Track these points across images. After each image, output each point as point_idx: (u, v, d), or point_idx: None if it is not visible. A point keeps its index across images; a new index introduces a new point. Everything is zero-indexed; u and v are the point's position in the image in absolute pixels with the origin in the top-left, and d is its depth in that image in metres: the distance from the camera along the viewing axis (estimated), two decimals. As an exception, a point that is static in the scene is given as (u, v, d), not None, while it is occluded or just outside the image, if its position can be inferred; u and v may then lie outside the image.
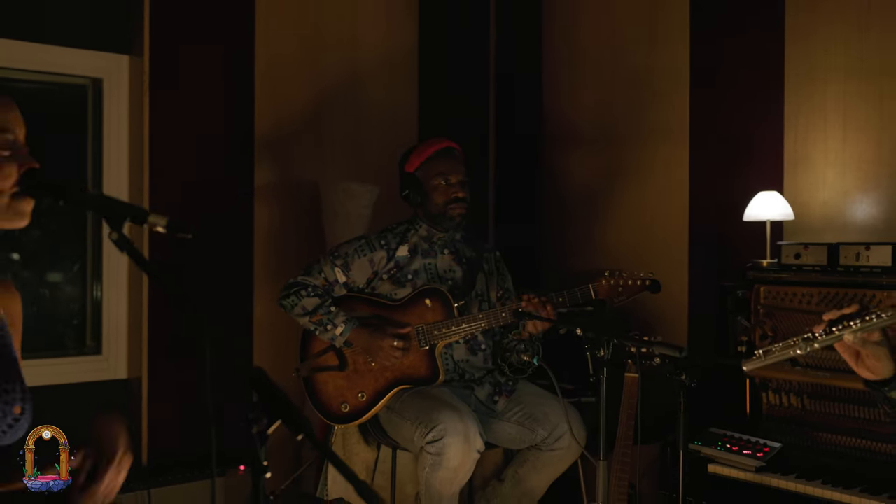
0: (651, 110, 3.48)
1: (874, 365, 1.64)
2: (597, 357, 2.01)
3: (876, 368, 1.65)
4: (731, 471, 2.45)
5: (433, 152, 2.81)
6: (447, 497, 2.52)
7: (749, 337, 2.68)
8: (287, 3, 3.54)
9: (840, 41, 2.88)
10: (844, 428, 2.45)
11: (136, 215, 1.33)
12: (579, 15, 3.80)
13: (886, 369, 1.64)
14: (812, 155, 2.95)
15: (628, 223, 3.56)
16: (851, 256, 2.51)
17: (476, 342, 2.78)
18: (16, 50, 3.01)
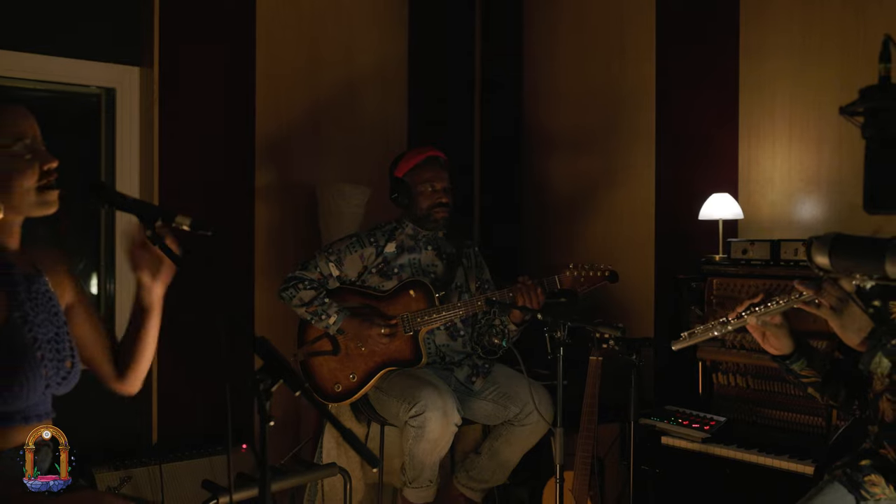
0: (621, 119, 3.76)
1: (776, 342, 1.99)
2: (554, 338, 2.34)
3: (778, 345, 2.00)
4: (681, 441, 2.76)
5: (421, 160, 3.11)
6: (429, 466, 2.85)
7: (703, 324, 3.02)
8: (286, 20, 3.74)
9: (786, 55, 3.17)
10: (782, 404, 2.75)
11: (166, 215, 1.66)
12: (556, 31, 4.07)
13: (787, 346, 1.99)
14: (762, 160, 3.25)
15: (601, 222, 3.84)
16: (791, 252, 2.82)
17: (455, 328, 3.11)
18: (37, 63, 3.25)
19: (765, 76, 3.25)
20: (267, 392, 1.54)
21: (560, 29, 4.06)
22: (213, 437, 3.39)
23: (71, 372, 1.84)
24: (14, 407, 1.70)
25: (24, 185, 1.72)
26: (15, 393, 1.69)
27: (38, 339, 1.76)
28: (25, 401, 1.72)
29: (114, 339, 2.01)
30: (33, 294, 1.78)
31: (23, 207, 1.74)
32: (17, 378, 1.69)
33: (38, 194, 1.74)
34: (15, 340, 1.71)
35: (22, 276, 1.77)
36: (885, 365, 1.81)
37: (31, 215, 1.77)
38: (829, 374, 2.01)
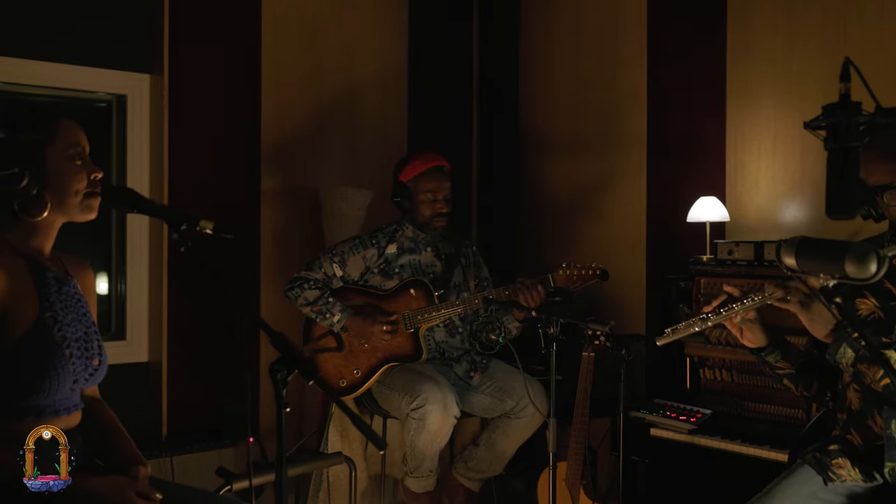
0: (614, 124, 3.91)
1: (752, 336, 2.16)
2: (548, 334, 2.52)
3: (754, 339, 2.17)
4: (669, 433, 2.92)
5: (426, 169, 3.27)
6: (429, 456, 3.02)
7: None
8: (291, 30, 3.87)
9: (770, 63, 3.32)
10: (764, 397, 2.91)
11: (191, 220, 1.83)
12: (552, 38, 4.22)
13: (761, 340, 2.16)
14: (748, 164, 3.41)
15: (595, 224, 4.00)
16: (773, 253, 3.00)
17: (454, 326, 3.28)
18: (52, 71, 3.38)
19: (751, 84, 3.41)
20: (284, 381, 1.70)
21: (555, 36, 4.22)
22: (218, 433, 3.55)
23: (98, 369, 2.00)
24: (44, 401, 1.85)
25: (74, 189, 1.88)
26: (45, 388, 1.83)
27: (66, 338, 1.89)
28: (55, 395, 1.86)
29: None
30: (63, 296, 1.93)
31: (70, 210, 1.90)
32: (46, 374, 1.83)
33: (85, 199, 1.90)
34: (45, 339, 1.85)
35: (54, 279, 1.92)
36: (850, 355, 1.97)
37: (74, 219, 1.92)
38: (802, 367, 2.18)
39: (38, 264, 1.90)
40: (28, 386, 1.82)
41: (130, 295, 3.63)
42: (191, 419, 3.57)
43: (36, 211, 1.85)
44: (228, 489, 2.41)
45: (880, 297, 2.06)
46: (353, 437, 3.29)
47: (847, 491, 2.03)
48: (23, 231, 1.89)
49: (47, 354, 1.85)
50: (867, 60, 2.98)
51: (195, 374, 3.61)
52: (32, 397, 1.83)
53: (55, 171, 1.86)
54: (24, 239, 1.89)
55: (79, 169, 1.90)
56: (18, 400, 1.82)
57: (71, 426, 1.93)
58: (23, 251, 1.88)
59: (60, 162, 1.87)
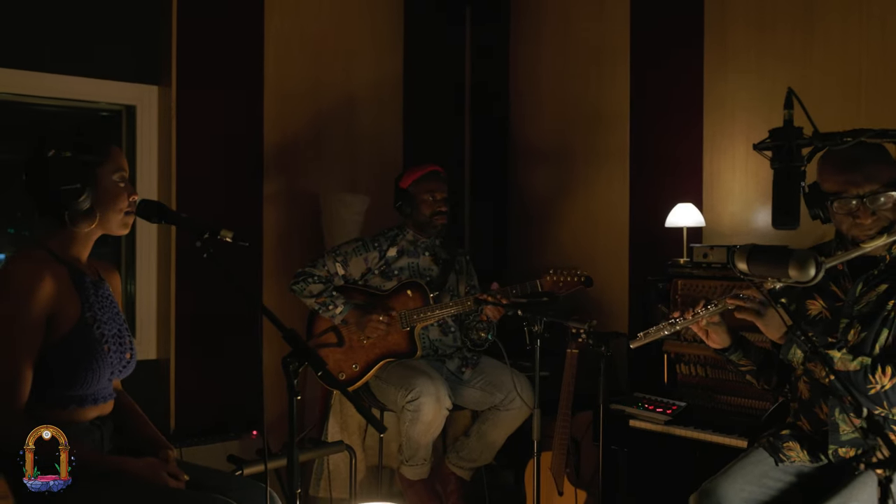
0: (599, 133, 4.17)
1: (717, 338, 2.42)
2: (532, 331, 2.77)
3: (718, 340, 2.43)
4: (646, 424, 3.15)
5: (424, 174, 3.55)
6: (423, 446, 3.28)
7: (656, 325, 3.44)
8: (292, 44, 4.07)
9: (744, 77, 3.58)
10: (734, 390, 3.15)
11: (213, 229, 2.09)
12: (539, 53, 4.49)
13: (725, 341, 2.42)
14: (723, 173, 3.67)
15: (580, 228, 4.26)
16: (740, 257, 3.27)
17: (447, 325, 3.54)
18: (65, 83, 3.58)
19: (725, 96, 3.67)
20: (295, 372, 1.94)
21: (543, 51, 4.48)
22: (224, 426, 3.74)
23: (130, 362, 2.28)
24: (86, 391, 2.12)
25: (118, 207, 2.17)
26: (87, 380, 2.11)
27: (104, 334, 2.17)
28: (95, 386, 2.14)
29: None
30: (100, 297, 2.20)
31: (111, 225, 2.18)
32: (89, 367, 2.10)
33: (124, 217, 2.19)
34: (87, 337, 2.12)
35: (91, 283, 2.19)
36: (799, 355, 2.23)
37: (111, 233, 2.21)
38: (762, 364, 2.45)
39: (77, 270, 2.17)
40: (72, 378, 2.08)
41: (139, 296, 3.84)
42: (197, 413, 3.77)
43: (85, 223, 2.13)
44: (240, 474, 2.67)
45: (827, 299, 2.34)
46: (352, 429, 3.54)
47: (796, 470, 2.30)
48: (65, 240, 2.16)
49: (89, 350, 2.12)
50: (831, 74, 3.28)
51: (201, 371, 3.82)
52: (76, 388, 2.09)
53: (105, 189, 2.14)
54: (65, 247, 2.16)
55: (122, 190, 2.18)
56: (63, 390, 2.08)
57: (105, 413, 2.21)
58: (64, 258, 2.14)
59: (109, 182, 2.15)
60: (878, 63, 3.21)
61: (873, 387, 2.12)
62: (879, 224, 2.18)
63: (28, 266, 2.07)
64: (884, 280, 2.24)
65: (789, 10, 3.47)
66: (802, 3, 3.43)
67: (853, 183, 2.17)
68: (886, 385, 2.11)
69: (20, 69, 3.47)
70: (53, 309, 2.06)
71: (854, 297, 2.27)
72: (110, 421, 2.25)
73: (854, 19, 3.27)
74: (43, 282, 2.03)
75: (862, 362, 2.15)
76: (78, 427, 2.12)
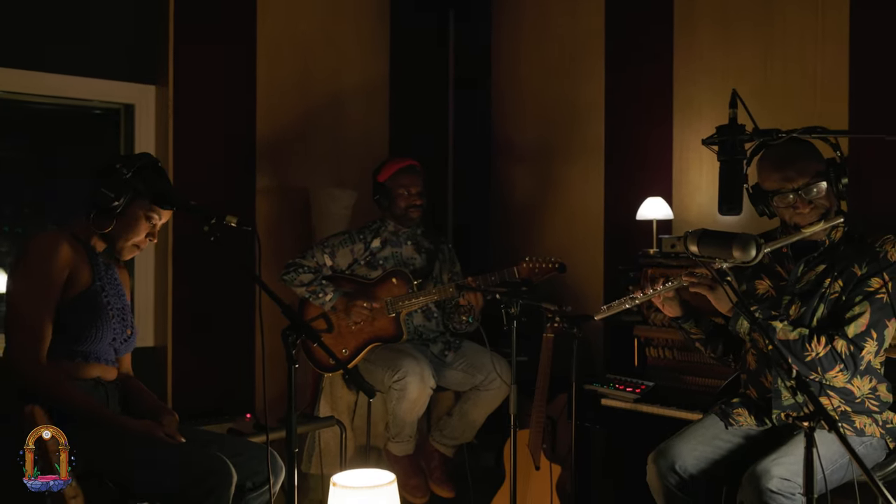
0: (575, 131, 4.43)
1: (671, 310, 2.71)
2: (509, 313, 3.02)
3: (673, 311, 2.71)
4: (616, 402, 3.41)
5: (399, 168, 3.79)
6: (409, 423, 3.54)
7: (638, 308, 3.71)
8: (283, 45, 4.28)
9: (709, 78, 3.85)
10: (699, 371, 3.40)
11: (219, 216, 2.35)
12: (519, 52, 4.75)
13: (678, 312, 2.71)
14: (691, 169, 3.94)
15: (558, 220, 4.52)
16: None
17: (430, 311, 3.80)
18: (65, 82, 3.75)
19: (693, 96, 3.94)
20: (293, 343, 2.20)
21: (523, 50, 4.74)
22: (219, 409, 3.89)
23: (130, 338, 2.62)
24: (90, 348, 2.47)
25: (133, 239, 2.56)
26: (91, 337, 2.46)
27: (110, 303, 2.53)
28: (97, 345, 2.49)
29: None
30: (109, 276, 2.57)
31: (118, 245, 2.57)
32: (93, 325, 2.47)
33: (131, 247, 2.57)
34: (95, 300, 2.49)
35: (103, 262, 2.56)
36: (745, 326, 2.52)
37: (116, 251, 2.58)
38: (711, 333, 2.74)
39: (92, 251, 2.54)
40: (79, 334, 2.44)
41: (137, 285, 4.00)
42: (193, 398, 3.96)
43: (100, 227, 2.51)
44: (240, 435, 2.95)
45: (773, 279, 2.63)
46: (341, 409, 3.80)
47: (743, 433, 2.59)
48: (86, 231, 2.54)
49: (95, 311, 2.48)
50: (791, 73, 3.57)
51: (198, 357, 4.02)
52: (81, 343, 2.45)
53: (131, 216, 2.52)
54: (85, 235, 2.54)
55: (145, 228, 2.56)
56: (71, 344, 2.43)
57: (109, 378, 2.56)
58: (82, 240, 2.51)
59: (139, 215, 2.52)
60: (830, 62, 3.50)
61: (809, 354, 2.41)
62: (817, 212, 2.47)
63: (49, 236, 2.45)
64: (822, 261, 2.53)
65: (751, 11, 3.75)
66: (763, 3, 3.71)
67: (788, 179, 2.46)
68: (821, 353, 2.40)
69: (19, 69, 3.66)
70: (70, 271, 2.42)
71: (796, 276, 2.56)
72: (115, 389, 2.56)
73: (809, 25, 3.57)
74: (61, 247, 2.42)
75: (801, 333, 2.43)
76: (84, 382, 2.46)
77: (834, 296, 2.48)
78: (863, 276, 2.44)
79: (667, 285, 2.60)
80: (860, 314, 2.42)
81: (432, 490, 3.70)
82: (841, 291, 2.47)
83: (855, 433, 2.46)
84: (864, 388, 2.50)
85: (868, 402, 2.50)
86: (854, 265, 2.46)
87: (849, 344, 2.40)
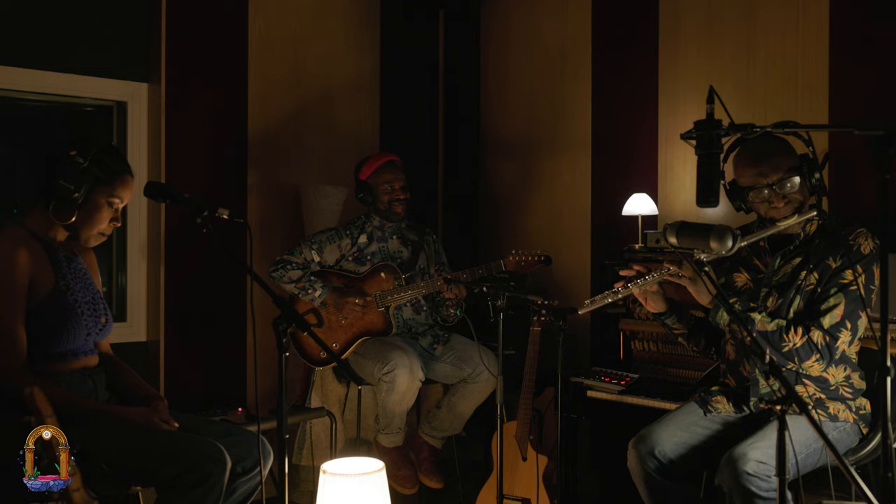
0: (564, 129, 4.53)
1: (654, 304, 2.79)
2: (496, 305, 3.11)
3: (656, 306, 2.80)
4: (602, 394, 3.49)
5: (380, 164, 3.86)
6: (398, 415, 3.62)
7: (623, 302, 3.81)
8: (275, 43, 4.35)
9: (694, 78, 3.95)
10: (682, 363, 3.52)
11: (211, 208, 2.42)
12: (508, 50, 4.85)
13: (662, 307, 2.80)
14: (676, 166, 4.06)
15: (546, 216, 4.62)
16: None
17: (419, 304, 3.89)
18: (60, 80, 3.82)
19: (678, 95, 4.05)
20: (284, 332, 2.26)
21: (511, 51, 4.84)
22: (209, 404, 3.90)
23: (105, 325, 2.67)
24: (66, 348, 2.50)
25: (97, 228, 2.57)
26: (64, 338, 2.49)
27: (78, 301, 2.55)
28: (72, 344, 2.52)
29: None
30: (73, 270, 2.59)
31: (82, 235, 2.59)
32: (64, 328, 2.49)
33: (97, 237, 2.59)
34: (61, 302, 2.51)
35: (64, 257, 2.58)
36: (725, 318, 2.62)
37: (81, 241, 2.61)
38: (693, 328, 2.84)
39: (51, 247, 2.55)
40: (52, 336, 2.47)
41: (130, 282, 4.08)
42: (185, 392, 4.02)
43: (61, 219, 2.51)
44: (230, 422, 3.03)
45: (751, 271, 2.72)
46: (332, 402, 3.88)
47: (721, 420, 2.68)
48: (44, 223, 2.54)
49: (63, 313, 2.50)
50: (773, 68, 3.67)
51: (189, 353, 4.08)
52: (56, 345, 2.48)
53: (93, 205, 2.52)
54: (43, 229, 2.55)
55: (109, 215, 2.57)
56: (45, 349, 2.46)
57: (91, 365, 2.60)
58: (40, 237, 2.53)
59: (100, 202, 2.53)
60: (810, 58, 3.60)
61: (786, 344, 2.50)
62: (791, 206, 2.57)
63: (6, 239, 2.44)
64: (798, 254, 2.63)
65: (733, 8, 3.86)
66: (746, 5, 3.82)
67: (762, 175, 2.56)
68: (798, 343, 2.50)
69: (11, 66, 3.72)
70: (31, 276, 2.43)
71: (773, 269, 2.65)
72: (101, 374, 2.62)
73: (790, 20, 3.68)
74: (19, 252, 2.42)
75: (778, 324, 2.53)
76: (71, 377, 2.50)
77: (810, 288, 2.58)
78: (837, 269, 2.54)
79: (648, 278, 2.68)
80: (835, 305, 2.51)
81: (421, 481, 3.78)
82: (816, 283, 2.57)
83: (829, 419, 2.56)
84: (838, 377, 2.60)
85: (842, 390, 2.60)
86: (829, 258, 2.56)
87: (824, 334, 2.50)
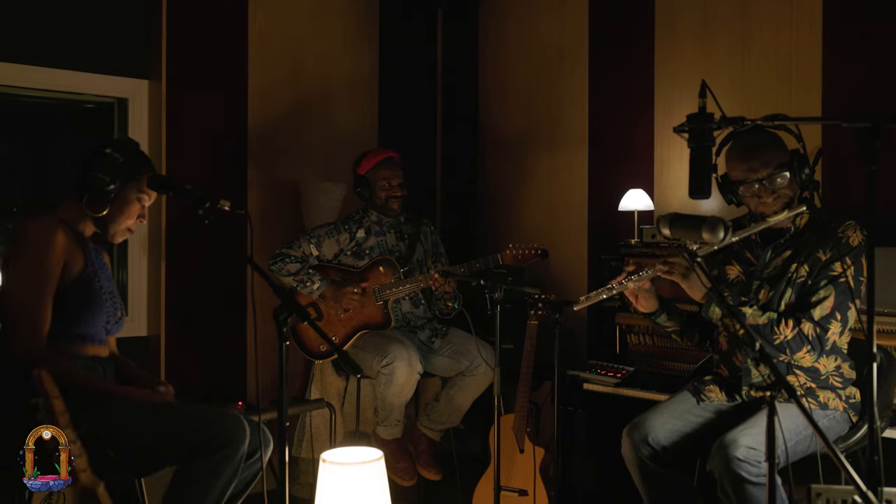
0: (561, 126, 4.59)
1: (645, 303, 2.84)
2: (493, 298, 3.16)
3: (647, 305, 2.85)
4: (598, 386, 3.55)
5: (378, 160, 3.92)
6: (397, 407, 3.68)
7: (619, 296, 3.86)
8: (275, 41, 4.40)
9: (689, 75, 4.01)
10: (678, 356, 3.57)
11: (213, 199, 2.48)
12: (506, 48, 4.91)
13: (653, 305, 2.85)
14: (672, 162, 4.12)
15: (544, 211, 4.68)
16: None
17: (417, 298, 3.94)
18: (62, 77, 3.88)
19: (674, 91, 4.11)
20: (284, 321, 2.31)
21: (509, 49, 4.90)
22: (209, 398, 3.88)
23: (120, 319, 2.77)
24: (86, 330, 2.61)
25: (125, 222, 2.68)
26: (87, 319, 2.60)
27: (103, 287, 2.67)
28: (92, 327, 2.63)
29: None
30: (99, 261, 2.72)
31: (109, 229, 2.69)
32: (89, 308, 2.60)
33: (124, 232, 2.70)
34: (89, 284, 2.62)
35: (93, 249, 2.69)
36: (717, 312, 2.67)
37: (108, 235, 2.71)
38: (686, 324, 2.89)
39: (82, 236, 2.67)
40: (76, 317, 2.57)
41: (131, 278, 4.16)
42: (185, 386, 3.88)
43: (95, 211, 2.62)
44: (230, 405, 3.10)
45: (743, 264, 2.78)
46: (331, 395, 3.94)
47: (714, 408, 2.75)
48: (75, 216, 2.65)
49: (90, 295, 2.62)
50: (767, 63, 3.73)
51: (189, 348, 4.15)
52: (78, 326, 2.59)
53: (124, 200, 2.64)
54: (75, 221, 2.65)
55: (137, 210, 2.69)
56: (71, 328, 2.57)
57: (103, 355, 2.70)
58: (72, 227, 2.63)
59: (132, 198, 2.65)
60: (804, 52, 3.66)
61: (778, 337, 2.56)
62: (781, 201, 2.62)
63: (45, 221, 2.55)
64: (788, 247, 2.69)
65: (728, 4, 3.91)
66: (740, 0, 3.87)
67: (753, 170, 2.61)
68: (789, 335, 2.56)
69: (13, 62, 3.78)
70: (66, 257, 2.55)
71: (764, 262, 2.71)
72: (111, 364, 2.72)
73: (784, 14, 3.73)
74: (57, 235, 2.53)
75: (769, 317, 2.59)
76: (83, 361, 2.60)
77: (800, 280, 2.63)
78: (826, 262, 2.59)
79: (641, 274, 2.74)
80: (825, 298, 2.57)
81: (420, 473, 3.84)
82: (807, 276, 2.62)
83: (819, 407, 2.62)
84: (829, 367, 2.66)
85: (832, 379, 2.66)
86: (819, 251, 2.62)
87: (815, 326, 2.56)
